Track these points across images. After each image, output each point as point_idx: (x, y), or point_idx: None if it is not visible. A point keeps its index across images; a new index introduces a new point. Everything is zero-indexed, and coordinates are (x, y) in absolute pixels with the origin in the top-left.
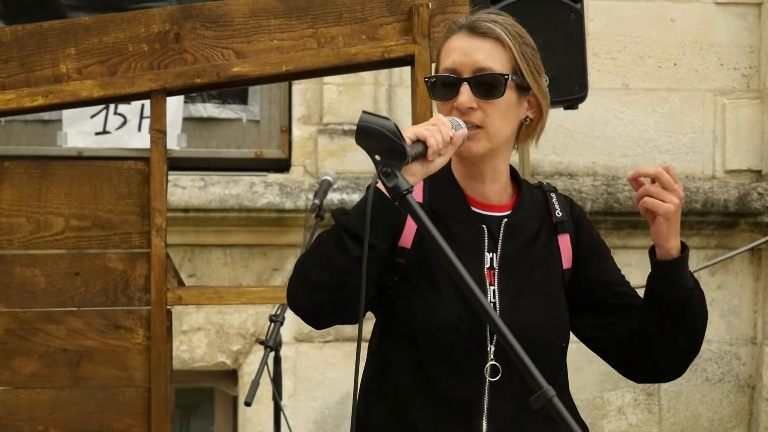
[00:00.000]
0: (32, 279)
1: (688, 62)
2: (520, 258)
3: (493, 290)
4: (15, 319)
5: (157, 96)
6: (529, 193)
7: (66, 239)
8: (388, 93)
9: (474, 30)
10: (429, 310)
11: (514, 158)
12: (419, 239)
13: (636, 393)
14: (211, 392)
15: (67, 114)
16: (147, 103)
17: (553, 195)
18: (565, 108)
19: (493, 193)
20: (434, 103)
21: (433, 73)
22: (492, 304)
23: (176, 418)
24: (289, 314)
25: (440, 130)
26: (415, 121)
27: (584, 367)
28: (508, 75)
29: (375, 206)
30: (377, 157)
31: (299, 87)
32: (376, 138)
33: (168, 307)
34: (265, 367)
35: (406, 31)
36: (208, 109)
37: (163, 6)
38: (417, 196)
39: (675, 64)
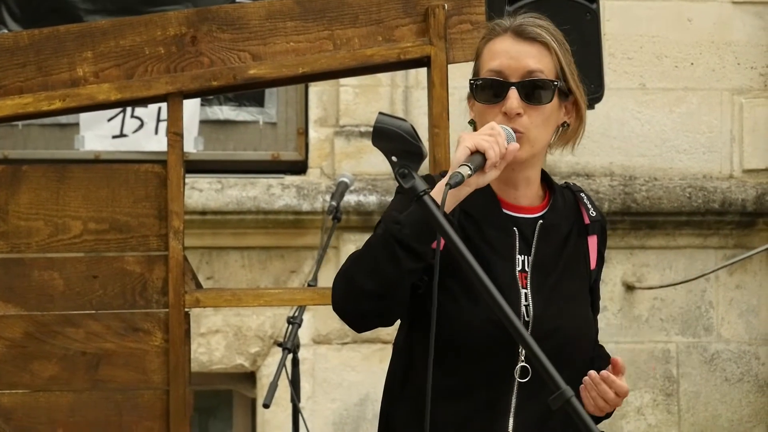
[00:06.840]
0: (50, 282)
1: (705, 62)
2: (553, 260)
3: (525, 293)
4: (33, 322)
5: (174, 99)
6: (561, 195)
7: (84, 242)
8: (404, 95)
9: (521, 34)
10: (459, 311)
11: None
12: None
13: (655, 393)
14: (229, 394)
15: (84, 117)
16: (164, 106)
17: (583, 195)
18: None
19: (525, 198)
20: (473, 106)
21: (473, 76)
22: (525, 307)
23: (195, 420)
24: (307, 316)
25: (498, 142)
26: (432, 122)
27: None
28: (557, 81)
29: (429, 217)
30: (394, 159)
31: (315, 89)
32: (393, 139)
33: (186, 309)
34: (284, 369)
35: (422, 32)
36: (224, 112)
37: (179, 9)
38: None
39: (692, 63)
